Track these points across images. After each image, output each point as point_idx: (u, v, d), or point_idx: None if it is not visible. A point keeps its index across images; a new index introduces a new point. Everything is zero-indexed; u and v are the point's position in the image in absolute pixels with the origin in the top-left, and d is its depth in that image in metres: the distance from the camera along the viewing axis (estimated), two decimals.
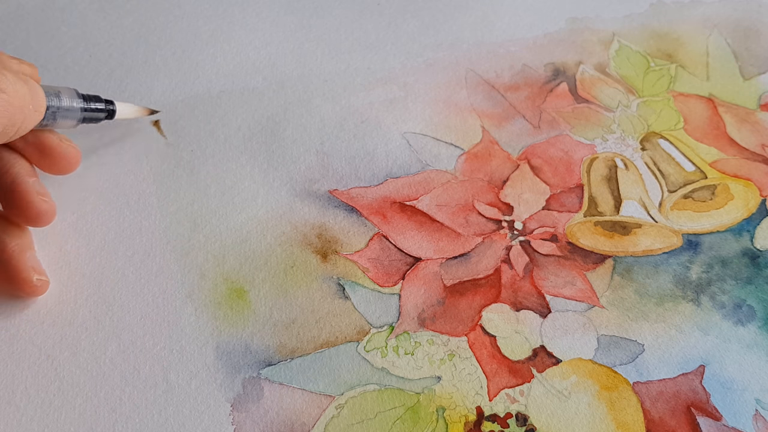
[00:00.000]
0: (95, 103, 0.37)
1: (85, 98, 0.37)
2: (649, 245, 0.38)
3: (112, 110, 0.38)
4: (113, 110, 0.38)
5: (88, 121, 0.37)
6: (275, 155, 0.41)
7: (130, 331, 0.34)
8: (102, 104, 0.38)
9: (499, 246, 0.38)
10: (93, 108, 0.37)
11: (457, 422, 0.32)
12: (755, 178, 0.41)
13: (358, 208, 0.39)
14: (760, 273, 0.37)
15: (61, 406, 0.32)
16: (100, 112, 0.37)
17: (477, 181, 0.40)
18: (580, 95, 0.44)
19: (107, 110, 0.38)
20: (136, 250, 0.37)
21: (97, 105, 0.37)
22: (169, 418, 0.32)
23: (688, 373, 0.34)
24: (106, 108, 0.38)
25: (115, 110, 0.38)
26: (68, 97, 0.36)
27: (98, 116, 0.38)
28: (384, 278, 0.36)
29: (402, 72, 0.45)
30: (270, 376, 0.33)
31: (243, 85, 0.44)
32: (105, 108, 0.38)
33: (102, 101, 0.38)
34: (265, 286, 0.36)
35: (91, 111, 0.37)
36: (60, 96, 0.35)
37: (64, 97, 0.35)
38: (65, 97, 0.35)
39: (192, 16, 0.47)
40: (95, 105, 0.37)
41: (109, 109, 0.38)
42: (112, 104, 0.38)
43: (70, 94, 0.36)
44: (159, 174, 0.40)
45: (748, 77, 0.46)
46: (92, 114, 0.37)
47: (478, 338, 0.35)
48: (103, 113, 0.38)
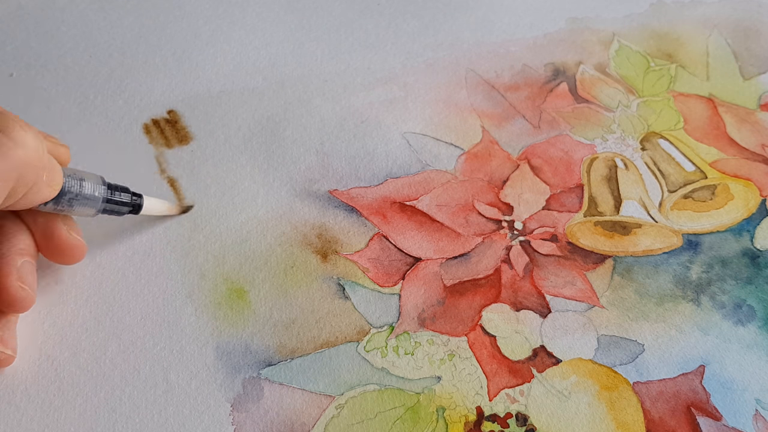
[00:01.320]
0: (120, 195, 0.34)
1: (111, 187, 0.33)
2: (649, 245, 0.38)
3: (137, 204, 0.35)
4: (139, 204, 0.35)
5: (109, 212, 0.34)
6: (275, 155, 0.41)
7: (130, 331, 0.34)
8: (128, 197, 0.34)
9: (499, 246, 0.38)
10: (117, 200, 0.34)
11: (457, 422, 0.32)
12: (755, 178, 0.41)
13: (358, 208, 0.39)
14: (760, 273, 0.37)
15: (61, 406, 0.32)
16: (125, 205, 0.34)
17: (477, 181, 0.40)
18: (580, 95, 0.44)
19: (132, 204, 0.34)
20: (136, 250, 0.37)
21: (123, 197, 0.34)
22: (169, 418, 0.32)
23: (688, 373, 0.34)
24: (131, 202, 0.34)
25: (141, 205, 0.35)
26: (91, 184, 0.32)
27: (121, 209, 0.34)
28: (384, 278, 0.36)
29: (402, 72, 0.45)
30: (270, 376, 0.33)
31: (243, 85, 0.44)
32: (130, 202, 0.34)
33: (129, 193, 0.34)
34: (265, 286, 0.36)
35: (115, 203, 0.34)
36: (83, 182, 0.32)
37: (86, 184, 0.32)
38: (88, 183, 0.32)
39: (192, 16, 0.47)
40: (120, 197, 0.34)
41: (134, 203, 0.35)
42: (140, 198, 0.35)
43: (94, 181, 0.33)
44: (159, 174, 0.40)
45: (748, 77, 0.46)
46: (115, 207, 0.34)
47: (478, 338, 0.35)
48: (127, 207, 0.34)
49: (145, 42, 0.46)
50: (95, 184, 0.33)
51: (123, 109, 0.42)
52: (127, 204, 0.34)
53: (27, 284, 0.32)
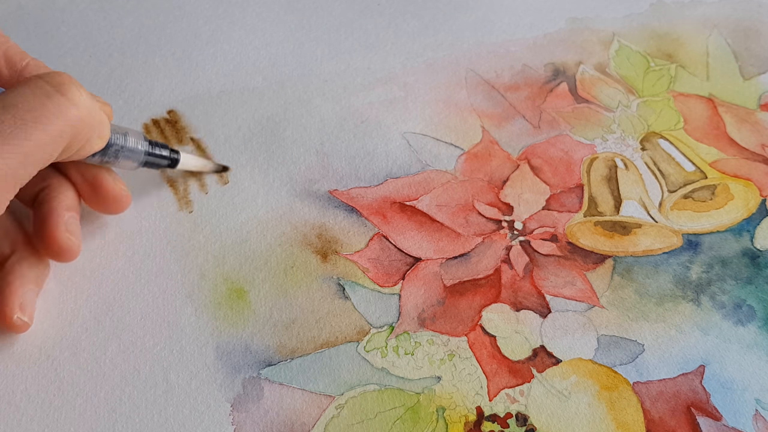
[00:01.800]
0: (160, 149, 0.37)
1: (151, 143, 0.36)
2: (649, 245, 0.38)
3: (175, 159, 0.37)
4: (176, 159, 0.37)
5: (150, 165, 0.37)
6: (275, 155, 0.41)
7: (130, 331, 0.34)
8: (167, 151, 0.37)
9: (499, 246, 0.38)
10: (157, 154, 0.36)
11: (457, 422, 0.32)
12: (755, 178, 0.41)
13: (358, 208, 0.39)
14: (760, 273, 0.37)
15: (61, 406, 0.32)
16: (163, 158, 0.37)
17: (477, 181, 0.40)
18: (580, 95, 0.44)
19: (170, 158, 0.37)
20: (136, 250, 0.37)
21: (162, 152, 0.37)
22: (169, 418, 0.32)
23: (688, 373, 0.34)
24: (170, 156, 0.37)
25: (178, 159, 0.37)
26: (134, 138, 0.35)
27: (160, 162, 0.37)
28: (384, 278, 0.36)
29: (402, 72, 0.45)
30: (270, 376, 0.33)
31: (243, 85, 0.44)
32: (169, 156, 0.37)
33: (167, 149, 0.37)
34: (265, 286, 0.36)
35: (155, 156, 0.36)
36: (126, 136, 0.35)
37: (130, 138, 0.35)
38: (131, 137, 0.35)
39: (192, 16, 0.47)
40: (159, 151, 0.36)
41: (172, 158, 0.37)
42: (177, 153, 0.37)
43: (136, 136, 0.35)
44: (159, 174, 0.40)
45: (748, 77, 0.46)
46: (155, 159, 0.36)
47: (478, 338, 0.35)
48: (165, 160, 0.37)
49: (145, 42, 0.46)
50: (138, 138, 0.36)
51: (123, 109, 0.42)
52: (166, 158, 0.37)
53: (74, 235, 0.34)
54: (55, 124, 0.29)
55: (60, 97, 0.30)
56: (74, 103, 0.30)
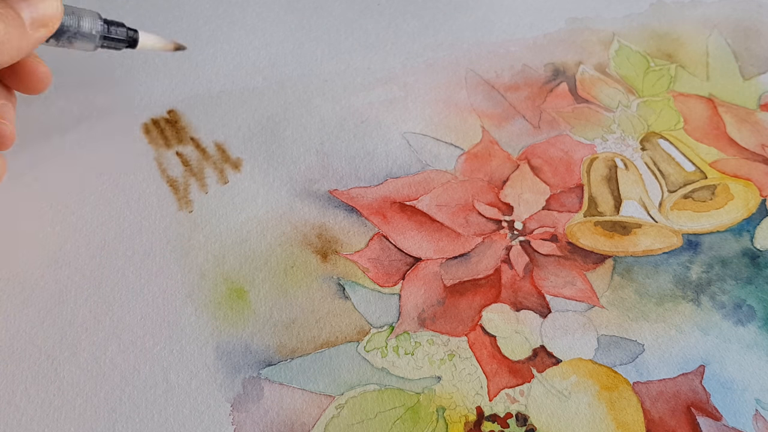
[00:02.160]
0: (117, 29, 0.37)
1: (108, 23, 0.36)
2: (649, 245, 0.38)
3: (133, 39, 0.37)
4: (135, 39, 0.37)
5: (108, 47, 0.37)
6: (275, 155, 0.41)
7: (130, 331, 0.34)
8: (124, 32, 0.37)
9: (499, 246, 0.38)
10: (113, 37, 0.37)
11: (457, 422, 0.32)
12: (755, 178, 0.41)
13: (358, 208, 0.39)
14: (760, 273, 0.37)
15: (61, 406, 0.32)
16: (121, 41, 0.37)
17: (477, 181, 0.40)
18: (580, 95, 0.44)
19: (128, 39, 0.37)
20: (136, 250, 0.37)
21: (118, 33, 0.37)
22: (169, 418, 0.32)
23: (688, 373, 0.34)
24: (127, 38, 0.37)
25: (137, 39, 0.38)
26: (90, 21, 0.35)
27: (118, 45, 0.37)
28: (384, 278, 0.36)
29: (402, 72, 0.45)
30: (270, 376, 0.33)
31: (243, 85, 0.44)
32: (126, 38, 0.37)
33: (125, 28, 0.37)
34: (265, 286, 0.36)
35: (111, 39, 0.37)
36: (81, 21, 0.35)
37: (84, 23, 0.35)
38: (86, 20, 0.35)
39: (192, 16, 0.47)
40: (116, 33, 0.37)
41: (131, 38, 0.37)
42: (136, 32, 0.38)
43: (92, 18, 0.35)
44: (159, 174, 0.40)
45: (748, 77, 0.46)
46: (111, 43, 0.37)
47: (478, 338, 0.35)
48: (123, 43, 0.37)
49: None
50: (93, 20, 0.35)
51: (123, 108, 0.42)
52: (123, 40, 0.37)
53: (9, 121, 0.34)
54: None
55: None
56: None
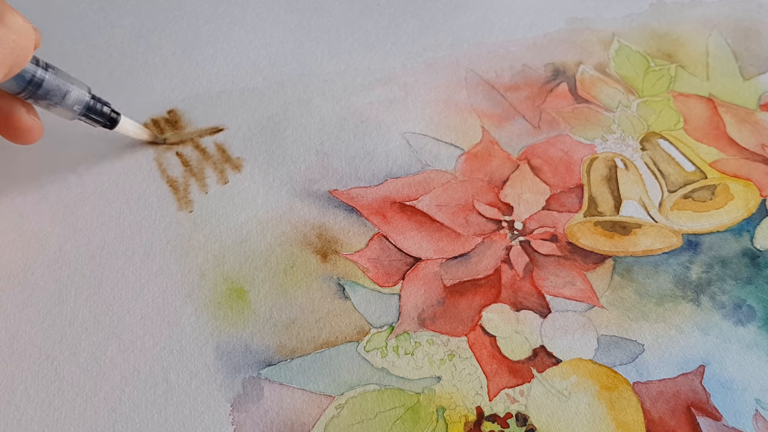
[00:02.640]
0: (102, 107, 0.37)
1: (95, 98, 0.37)
2: (649, 245, 0.38)
3: (113, 119, 0.38)
4: (115, 119, 0.38)
5: (87, 120, 0.37)
6: (275, 155, 0.41)
7: (130, 331, 0.34)
8: (107, 114, 0.37)
9: (499, 246, 0.38)
10: (93, 117, 0.37)
11: (457, 422, 0.32)
12: (755, 178, 0.41)
13: (358, 208, 0.39)
14: (760, 273, 0.37)
15: (61, 406, 0.32)
16: (98, 122, 0.37)
17: (477, 181, 0.40)
18: (580, 95, 0.44)
19: (110, 118, 0.38)
20: (136, 250, 0.37)
21: (100, 114, 0.37)
22: (169, 418, 0.32)
23: (688, 373, 0.34)
24: (104, 120, 0.38)
25: (117, 120, 0.38)
26: (75, 97, 0.36)
27: (94, 124, 0.38)
28: (384, 278, 0.36)
29: (402, 72, 0.45)
30: (270, 376, 0.33)
31: (243, 85, 0.44)
32: (103, 121, 0.37)
33: (109, 108, 0.37)
34: (265, 286, 0.36)
35: (90, 119, 0.37)
36: (67, 95, 0.35)
37: (70, 97, 0.35)
38: (72, 94, 0.35)
39: (192, 16, 0.47)
40: (96, 114, 0.37)
41: (111, 118, 0.38)
42: (118, 114, 0.38)
43: (77, 95, 0.36)
44: (159, 174, 0.40)
45: (748, 77, 0.46)
46: (89, 121, 0.37)
47: (478, 338, 0.35)
48: (103, 120, 0.38)
49: (145, 42, 0.46)
50: (78, 98, 0.36)
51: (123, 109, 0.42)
52: (100, 122, 0.38)
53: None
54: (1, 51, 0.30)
55: (1, 26, 0.30)
56: (12, 30, 0.31)
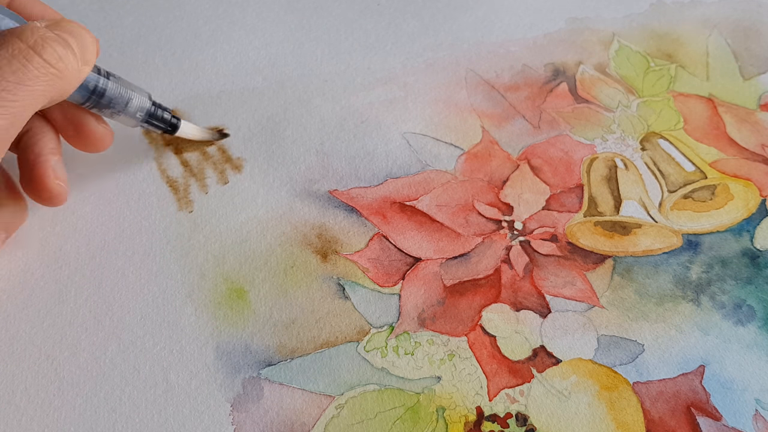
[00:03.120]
0: (162, 113, 0.38)
1: (155, 105, 0.37)
2: (649, 245, 0.38)
3: (174, 125, 0.38)
4: (176, 125, 0.38)
5: (149, 126, 0.38)
6: (275, 155, 0.41)
7: (130, 331, 0.34)
8: (167, 121, 0.38)
9: (499, 246, 0.38)
10: (154, 123, 0.38)
11: (457, 422, 0.32)
12: (755, 178, 0.41)
13: (358, 208, 0.39)
14: (760, 273, 0.37)
15: (61, 406, 0.32)
16: (159, 128, 0.38)
17: (477, 181, 0.40)
18: (580, 95, 0.44)
19: (170, 123, 0.38)
20: (136, 250, 0.37)
21: (160, 121, 0.38)
22: (169, 418, 0.32)
23: (688, 373, 0.34)
24: (166, 126, 0.38)
25: (178, 125, 0.38)
26: (136, 104, 0.36)
27: (156, 130, 0.38)
28: (384, 278, 0.36)
29: (402, 72, 0.45)
30: (270, 376, 0.33)
31: (243, 85, 0.44)
32: (164, 127, 0.38)
33: (169, 114, 0.38)
34: (265, 286, 0.36)
35: (151, 125, 0.38)
36: (129, 103, 0.36)
37: (132, 105, 0.36)
38: (134, 102, 0.36)
39: (192, 16, 0.47)
40: (158, 121, 0.38)
41: (172, 123, 0.38)
42: (178, 120, 0.38)
43: (139, 103, 0.36)
44: (159, 174, 0.40)
45: (748, 77, 0.46)
46: (150, 127, 0.38)
47: (478, 338, 0.35)
48: (164, 124, 0.38)
49: (145, 42, 0.46)
50: (140, 105, 0.36)
51: None
52: (166, 122, 0.38)
53: (62, 181, 0.35)
54: (38, 85, 0.30)
55: (38, 60, 0.31)
56: (53, 65, 0.31)
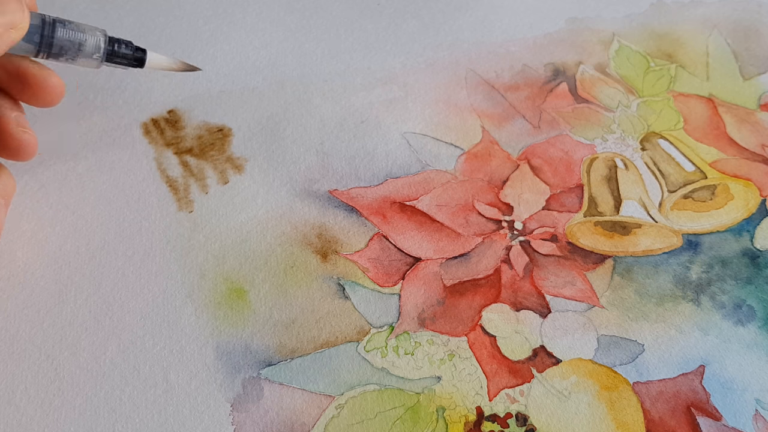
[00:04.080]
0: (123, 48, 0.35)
1: (113, 40, 0.35)
2: (649, 245, 0.38)
3: (140, 58, 0.36)
4: (141, 59, 0.36)
5: (112, 62, 0.35)
6: (275, 155, 0.41)
7: (130, 331, 0.34)
8: (129, 49, 0.36)
9: (499, 246, 0.38)
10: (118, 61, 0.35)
11: (457, 422, 0.32)
12: (755, 178, 0.41)
13: (358, 208, 0.39)
14: (760, 273, 0.37)
15: (61, 406, 0.32)
16: (126, 63, 0.36)
17: (477, 181, 0.40)
18: (580, 95, 0.44)
19: (135, 58, 0.36)
20: (136, 250, 0.37)
21: (124, 55, 0.35)
22: (169, 418, 0.32)
23: (688, 373, 0.34)
24: (133, 56, 0.36)
25: (143, 59, 0.36)
26: (93, 43, 0.34)
27: (122, 63, 0.36)
28: (384, 278, 0.36)
29: (402, 72, 0.45)
30: (270, 376, 0.33)
31: (243, 85, 0.44)
32: (132, 57, 0.36)
33: (131, 48, 0.36)
34: (265, 286, 0.36)
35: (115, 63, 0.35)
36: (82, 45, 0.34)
37: (86, 45, 0.34)
38: (89, 42, 0.34)
39: (192, 16, 0.47)
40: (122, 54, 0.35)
41: (137, 57, 0.36)
42: (144, 52, 0.36)
43: (95, 36, 0.34)
44: (159, 174, 0.40)
45: (748, 77, 0.46)
46: (115, 65, 0.36)
47: (478, 338, 0.35)
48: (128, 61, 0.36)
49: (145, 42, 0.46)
50: (97, 39, 0.34)
51: (123, 109, 0.42)
52: (128, 59, 0.36)
53: (28, 130, 0.34)
54: None
55: None
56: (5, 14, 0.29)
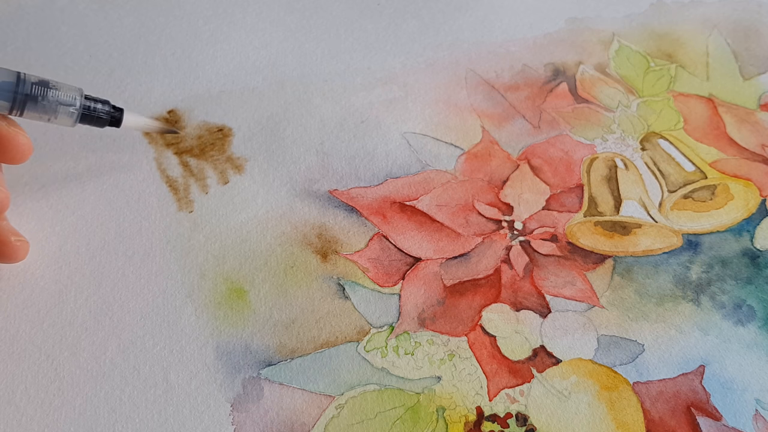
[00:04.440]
0: (96, 106, 0.35)
1: (89, 99, 0.35)
2: (649, 245, 0.38)
3: (116, 117, 0.36)
4: (118, 118, 0.36)
5: (88, 123, 0.36)
6: (275, 155, 0.41)
7: (130, 331, 0.34)
8: (105, 109, 0.36)
9: (499, 246, 0.38)
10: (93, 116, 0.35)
11: (457, 422, 0.32)
12: (755, 178, 0.41)
13: (358, 208, 0.39)
14: (760, 273, 0.37)
15: (61, 406, 0.32)
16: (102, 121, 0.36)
17: (477, 181, 0.40)
18: (580, 95, 0.44)
19: (112, 118, 0.36)
20: (136, 250, 0.37)
21: (99, 111, 0.35)
22: (169, 418, 0.32)
23: (688, 373, 0.34)
24: (110, 113, 0.36)
25: (120, 118, 0.36)
26: (67, 102, 0.34)
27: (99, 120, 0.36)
28: (384, 278, 0.36)
29: (402, 72, 0.45)
30: (270, 376, 0.33)
31: (243, 85, 0.44)
32: (108, 113, 0.36)
33: (107, 108, 0.36)
34: (265, 286, 0.36)
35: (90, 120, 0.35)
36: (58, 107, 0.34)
37: (61, 107, 0.34)
38: (66, 96, 0.34)
39: (192, 16, 0.47)
40: (97, 113, 0.35)
41: (113, 116, 0.36)
42: (120, 112, 0.36)
43: (69, 93, 0.34)
44: (159, 174, 0.40)
45: (748, 77, 0.46)
46: (90, 122, 0.36)
47: (478, 338, 0.35)
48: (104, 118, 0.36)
49: (145, 42, 0.46)
50: (70, 103, 0.35)
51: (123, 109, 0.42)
52: (104, 120, 0.36)
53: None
54: None
55: None
56: None
